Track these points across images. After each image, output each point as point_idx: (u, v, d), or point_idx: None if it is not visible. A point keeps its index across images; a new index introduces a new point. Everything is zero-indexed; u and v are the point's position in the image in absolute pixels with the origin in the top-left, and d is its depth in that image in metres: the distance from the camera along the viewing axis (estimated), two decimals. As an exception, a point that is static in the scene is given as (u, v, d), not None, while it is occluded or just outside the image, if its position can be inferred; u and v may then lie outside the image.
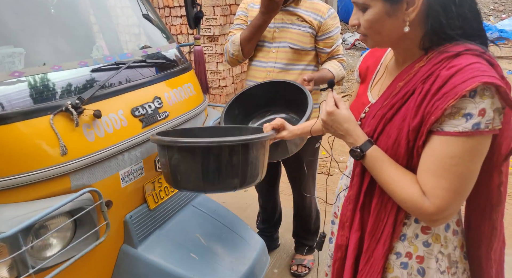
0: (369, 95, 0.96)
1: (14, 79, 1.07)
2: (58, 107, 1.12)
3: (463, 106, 0.72)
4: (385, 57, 0.98)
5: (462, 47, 0.76)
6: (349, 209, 0.95)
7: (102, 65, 1.36)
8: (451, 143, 0.73)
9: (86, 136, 1.18)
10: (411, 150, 0.80)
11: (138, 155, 1.37)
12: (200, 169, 1.13)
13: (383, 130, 0.85)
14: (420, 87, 0.78)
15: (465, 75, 0.71)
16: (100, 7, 1.71)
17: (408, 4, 0.76)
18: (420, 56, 0.83)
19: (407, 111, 0.80)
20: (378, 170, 0.83)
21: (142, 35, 1.82)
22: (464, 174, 0.74)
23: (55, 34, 1.35)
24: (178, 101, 1.64)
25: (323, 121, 0.90)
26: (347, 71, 6.59)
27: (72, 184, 1.12)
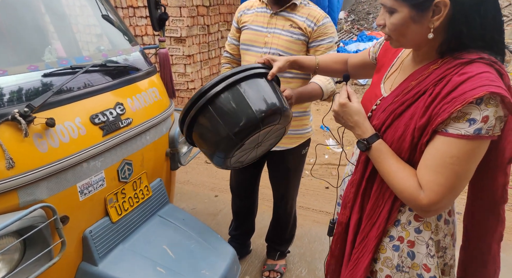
0: (382, 87, 1.00)
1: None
2: (3, 116, 1.02)
3: (468, 112, 0.77)
4: (403, 53, 1.01)
5: (476, 55, 0.80)
6: (352, 192, 1.03)
7: (55, 69, 1.26)
8: (453, 143, 0.79)
9: (37, 147, 1.08)
10: (414, 146, 0.86)
11: (98, 165, 1.28)
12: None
13: (391, 125, 0.90)
14: (431, 89, 0.83)
15: (474, 83, 0.76)
16: (55, 7, 1.60)
17: (434, 12, 0.79)
18: (435, 59, 0.87)
19: (416, 110, 0.85)
20: (381, 161, 0.90)
21: (102, 37, 1.72)
22: (460, 173, 0.80)
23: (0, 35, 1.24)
24: (142, 107, 1.56)
25: (335, 112, 0.97)
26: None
27: (20, 200, 1.02)
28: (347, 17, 11.13)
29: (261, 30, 1.71)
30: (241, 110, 1.02)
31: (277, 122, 1.09)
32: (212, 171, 3.46)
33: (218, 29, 5.37)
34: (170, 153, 1.74)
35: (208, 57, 5.27)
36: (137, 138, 1.49)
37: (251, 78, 1.07)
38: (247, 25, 1.76)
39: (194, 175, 3.38)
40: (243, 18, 1.81)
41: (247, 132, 1.03)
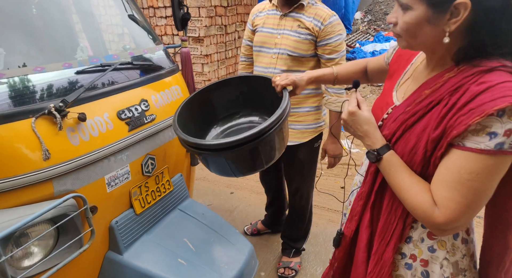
0: (394, 96, 0.95)
1: (-6, 81, 1.03)
2: (41, 110, 1.08)
3: (488, 125, 0.70)
4: (416, 59, 0.96)
5: (497, 62, 0.73)
6: (360, 205, 0.98)
7: (87, 67, 1.32)
8: (471, 158, 0.72)
9: (70, 140, 1.14)
10: (427, 159, 0.80)
11: (124, 158, 1.34)
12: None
13: (402, 136, 0.84)
14: (447, 99, 0.77)
15: (495, 93, 0.70)
16: (85, 8, 1.67)
17: (452, 14, 0.73)
18: (450, 66, 0.80)
19: (430, 121, 0.79)
20: (392, 174, 0.84)
21: (128, 37, 1.78)
22: (479, 190, 0.73)
23: (37, 34, 1.31)
24: (165, 104, 1.61)
25: (344, 121, 0.92)
26: (332, 74, 6.65)
27: (55, 189, 1.08)
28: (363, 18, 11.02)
29: (272, 32, 1.77)
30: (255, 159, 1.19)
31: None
32: (228, 168, 3.50)
33: (235, 29, 5.43)
34: (191, 149, 1.78)
35: (225, 57, 5.33)
36: (160, 134, 1.54)
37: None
38: (259, 28, 1.83)
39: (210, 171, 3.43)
40: (256, 21, 1.87)
41: (252, 171, 1.30)
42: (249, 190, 3.08)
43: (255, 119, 1.55)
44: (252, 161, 1.20)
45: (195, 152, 1.18)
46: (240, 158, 1.18)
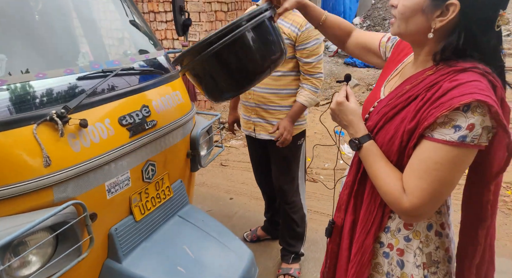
0: (382, 90, 1.01)
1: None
2: (42, 117, 1.07)
3: (454, 118, 0.77)
4: (406, 60, 1.02)
5: (470, 64, 0.80)
6: (346, 193, 1.03)
7: (88, 73, 1.32)
8: (437, 149, 0.78)
9: (71, 146, 1.14)
10: (403, 149, 0.85)
11: (125, 164, 1.33)
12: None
13: (383, 127, 0.90)
14: (423, 94, 0.83)
15: (463, 90, 0.76)
16: (87, 13, 1.67)
17: (442, 13, 0.79)
18: (431, 66, 0.87)
19: (407, 114, 0.85)
20: (370, 162, 0.90)
21: (129, 42, 1.78)
22: (442, 180, 0.79)
23: (39, 40, 1.30)
24: (166, 109, 1.61)
25: (332, 110, 0.99)
26: (331, 78, 6.69)
27: (55, 196, 1.07)
28: (362, 23, 11.09)
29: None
30: (249, 56, 1.10)
31: (277, 63, 1.18)
32: (227, 173, 3.50)
33: (235, 33, 5.44)
34: (191, 154, 1.78)
35: (224, 61, 5.34)
36: (161, 139, 1.53)
37: (262, 23, 1.11)
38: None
39: (209, 177, 3.42)
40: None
41: (252, 77, 1.14)
42: (248, 196, 3.07)
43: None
44: (227, 68, 1.12)
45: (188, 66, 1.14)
46: (215, 64, 1.10)
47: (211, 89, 1.19)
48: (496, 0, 0.77)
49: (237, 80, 1.14)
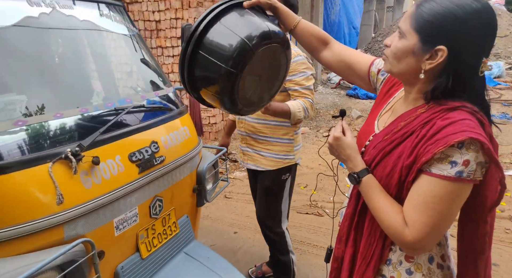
0: (376, 124, 1.06)
1: (17, 128, 1.06)
2: (58, 155, 1.11)
3: (450, 154, 0.82)
4: (397, 95, 1.07)
5: (459, 103, 0.86)
6: (346, 225, 1.05)
7: (102, 111, 1.37)
8: (436, 184, 0.83)
9: (83, 183, 1.16)
10: (402, 183, 0.89)
11: (133, 201, 1.35)
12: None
13: (381, 162, 0.94)
14: (418, 131, 0.88)
15: (456, 128, 0.81)
16: (101, 53, 1.75)
17: (431, 56, 0.85)
18: (422, 104, 0.93)
19: (404, 149, 0.89)
20: (370, 195, 0.93)
21: (140, 79, 1.85)
22: (442, 213, 0.83)
23: (58, 81, 1.37)
24: (174, 145, 1.64)
25: (330, 144, 1.03)
26: (333, 110, 6.79)
27: (65, 234, 1.08)
28: (363, 56, 11.41)
29: None
30: (228, 43, 1.03)
31: (267, 43, 1.08)
32: (231, 206, 3.48)
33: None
34: (197, 189, 1.79)
35: (229, 94, 5.46)
36: (168, 175, 1.56)
37: (229, 11, 1.09)
38: None
39: (213, 209, 3.40)
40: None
41: (242, 60, 1.03)
42: (253, 230, 3.04)
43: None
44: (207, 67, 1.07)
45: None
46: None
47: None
48: (479, 49, 0.84)
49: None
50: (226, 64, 1.03)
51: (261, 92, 1.24)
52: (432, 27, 0.84)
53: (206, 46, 1.05)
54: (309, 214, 3.26)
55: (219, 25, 1.07)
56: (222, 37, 1.05)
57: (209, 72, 1.08)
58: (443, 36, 0.83)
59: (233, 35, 1.04)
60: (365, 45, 13.35)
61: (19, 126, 1.08)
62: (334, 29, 9.60)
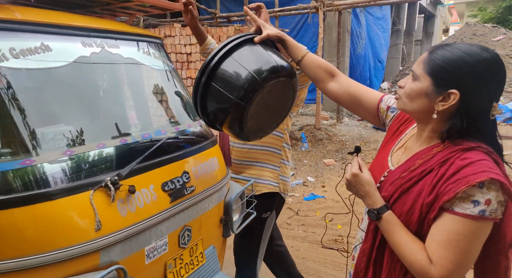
0: (389, 160, 1.08)
1: (66, 157, 1.15)
2: (98, 183, 1.18)
3: (472, 194, 0.85)
4: (408, 132, 1.11)
5: (474, 143, 0.91)
6: (363, 261, 1.06)
7: (139, 142, 1.45)
8: (459, 222, 0.86)
9: (119, 211, 1.22)
10: (422, 220, 0.92)
11: (164, 229, 1.39)
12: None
13: (399, 198, 0.97)
14: (437, 169, 0.91)
15: (476, 168, 0.86)
16: (140, 88, 1.88)
17: (444, 98, 0.91)
18: (437, 143, 0.97)
19: (424, 187, 0.92)
20: (391, 232, 0.96)
21: (174, 112, 1.95)
22: (466, 250, 0.86)
23: (101, 113, 1.48)
24: (204, 175, 1.70)
25: (348, 181, 1.05)
26: (360, 142, 6.72)
27: (101, 260, 1.13)
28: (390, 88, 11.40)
29: None
30: (238, 76, 1.12)
31: (275, 77, 1.15)
32: (254, 237, 3.44)
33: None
34: (224, 220, 1.81)
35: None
36: (197, 205, 1.60)
37: (241, 46, 1.18)
38: None
39: (236, 240, 3.37)
40: None
41: (250, 93, 1.12)
42: (276, 262, 2.98)
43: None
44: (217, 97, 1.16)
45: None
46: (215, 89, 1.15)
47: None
48: (489, 94, 0.89)
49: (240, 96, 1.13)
50: (236, 96, 1.13)
51: (269, 121, 1.33)
52: (444, 72, 0.90)
53: (218, 78, 1.16)
54: (334, 249, 3.18)
55: (231, 59, 1.16)
56: (233, 70, 1.15)
57: (220, 102, 1.18)
58: (454, 81, 0.89)
59: (243, 70, 1.13)
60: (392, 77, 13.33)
61: (67, 155, 1.17)
62: (360, 62, 9.71)
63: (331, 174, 5.30)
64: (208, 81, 1.16)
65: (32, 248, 1.01)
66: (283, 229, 3.63)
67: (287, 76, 1.21)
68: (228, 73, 1.15)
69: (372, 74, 10.45)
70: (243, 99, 1.13)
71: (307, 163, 5.80)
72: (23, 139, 1.13)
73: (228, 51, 1.16)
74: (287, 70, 1.20)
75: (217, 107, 1.21)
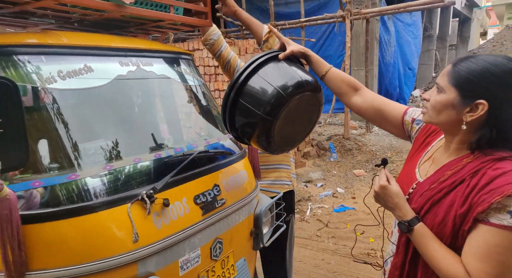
0: (417, 172, 1.07)
1: (106, 172, 1.22)
2: (135, 197, 1.24)
3: (508, 204, 0.83)
4: (435, 144, 1.10)
5: (505, 153, 0.90)
6: (396, 275, 1.04)
7: (172, 156, 1.51)
8: (496, 233, 0.84)
9: (154, 223, 1.27)
10: (456, 232, 0.90)
11: (196, 242, 1.42)
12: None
13: (430, 210, 0.96)
14: (468, 180, 0.90)
15: (510, 178, 0.85)
16: (172, 103, 1.96)
17: (471, 109, 0.90)
18: (467, 154, 0.96)
19: (455, 198, 0.91)
20: (424, 245, 0.93)
21: (205, 126, 2.01)
22: (505, 263, 0.84)
23: (137, 129, 1.56)
24: (234, 188, 1.73)
25: (376, 193, 1.04)
26: (391, 152, 6.54)
27: (138, 271, 1.17)
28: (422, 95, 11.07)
29: None
30: (265, 92, 1.17)
31: (300, 92, 1.20)
32: (284, 249, 3.42)
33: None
34: (254, 232, 1.83)
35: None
36: (228, 217, 1.62)
37: (266, 63, 1.23)
38: None
39: (266, 252, 3.37)
40: None
41: (277, 108, 1.17)
42: (306, 276, 2.94)
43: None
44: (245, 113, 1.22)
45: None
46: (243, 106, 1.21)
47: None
48: None
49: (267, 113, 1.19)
50: (263, 111, 1.18)
51: (295, 134, 1.37)
52: (470, 83, 0.90)
53: (245, 95, 1.22)
54: (367, 263, 3.09)
55: (257, 76, 1.22)
56: (260, 87, 1.21)
57: (248, 117, 1.24)
58: (481, 92, 0.89)
59: (269, 86, 1.19)
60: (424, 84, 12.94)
61: (107, 170, 1.24)
62: (389, 70, 9.51)
63: (361, 185, 5.18)
64: (236, 98, 1.22)
65: (77, 258, 1.07)
66: (312, 241, 3.58)
67: (312, 91, 1.26)
68: (255, 89, 1.21)
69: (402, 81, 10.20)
70: (270, 114, 1.19)
71: (336, 174, 5.71)
72: (68, 154, 1.21)
73: (254, 68, 1.22)
74: (311, 84, 1.24)
75: (245, 122, 1.27)
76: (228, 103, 1.24)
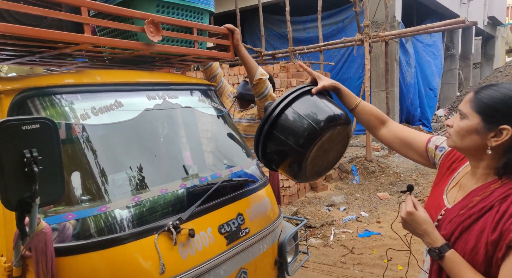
0: (445, 199, 1.07)
1: (134, 203, 1.26)
2: (162, 227, 1.26)
3: None
4: (461, 170, 1.10)
5: None
6: None
7: (197, 186, 1.54)
8: None
9: (180, 254, 1.28)
10: (489, 259, 0.88)
11: (221, 273, 1.42)
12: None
13: (460, 237, 0.95)
14: (498, 206, 0.90)
15: None
16: (196, 134, 2.02)
17: (496, 134, 0.92)
18: (494, 179, 0.96)
19: (486, 224, 0.90)
20: (457, 272, 0.92)
21: (228, 154, 2.05)
22: None
23: (163, 160, 1.61)
24: (258, 216, 1.73)
25: (403, 219, 1.04)
26: (416, 174, 6.36)
27: (165, 304, 1.18)
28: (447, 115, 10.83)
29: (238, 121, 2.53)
30: (299, 126, 1.24)
31: (332, 126, 1.26)
32: (308, 276, 3.32)
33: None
34: (279, 262, 1.80)
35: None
36: (253, 247, 1.62)
37: (299, 97, 1.29)
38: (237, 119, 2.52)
39: None
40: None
41: (310, 141, 1.21)
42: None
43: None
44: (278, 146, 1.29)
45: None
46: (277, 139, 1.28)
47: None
48: None
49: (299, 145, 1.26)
50: (297, 144, 1.25)
51: (325, 164, 1.42)
52: (493, 109, 0.92)
53: (279, 127, 1.28)
54: (396, 293, 2.95)
55: (291, 110, 1.29)
56: (294, 120, 1.27)
57: (281, 149, 1.30)
58: (505, 117, 0.91)
59: (303, 119, 1.26)
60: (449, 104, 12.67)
61: (135, 201, 1.28)
62: (410, 91, 9.41)
63: (386, 209, 5.03)
64: (270, 130, 1.29)
65: (106, 291, 1.09)
66: (337, 268, 3.47)
67: (343, 124, 1.32)
68: (290, 122, 1.27)
69: (423, 102, 10.04)
70: (303, 146, 1.25)
71: (359, 197, 5.58)
72: (99, 186, 1.26)
73: (288, 102, 1.29)
74: (342, 118, 1.31)
75: (277, 152, 1.34)
76: (262, 134, 1.31)
